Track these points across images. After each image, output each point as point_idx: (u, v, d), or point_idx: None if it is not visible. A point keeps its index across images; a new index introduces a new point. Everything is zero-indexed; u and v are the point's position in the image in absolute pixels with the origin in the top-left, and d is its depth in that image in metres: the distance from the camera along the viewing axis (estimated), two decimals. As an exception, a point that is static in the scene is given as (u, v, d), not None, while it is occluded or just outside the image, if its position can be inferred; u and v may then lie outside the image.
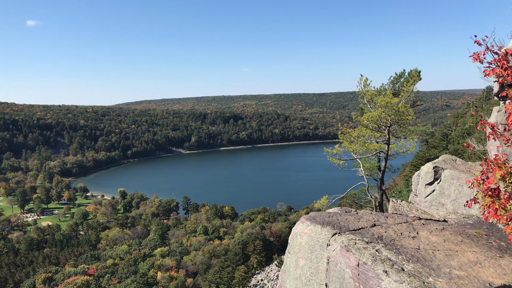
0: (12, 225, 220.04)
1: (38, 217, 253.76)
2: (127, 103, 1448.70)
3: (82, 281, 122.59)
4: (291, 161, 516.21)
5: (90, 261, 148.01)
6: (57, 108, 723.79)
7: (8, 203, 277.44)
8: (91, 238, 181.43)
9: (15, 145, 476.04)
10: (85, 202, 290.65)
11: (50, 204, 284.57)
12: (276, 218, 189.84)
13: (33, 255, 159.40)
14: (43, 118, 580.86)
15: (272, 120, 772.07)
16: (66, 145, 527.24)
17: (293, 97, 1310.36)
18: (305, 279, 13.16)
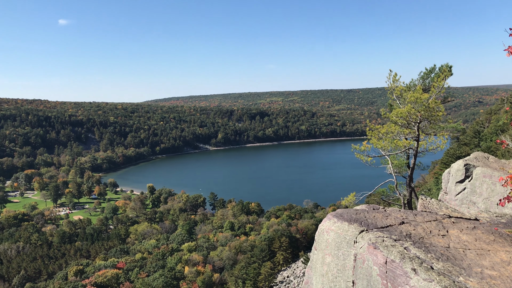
0: (45, 219, 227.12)
1: (70, 211, 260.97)
2: (155, 100, 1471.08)
3: (112, 274, 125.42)
4: (317, 158, 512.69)
5: (120, 255, 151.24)
6: (88, 105, 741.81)
7: (42, 197, 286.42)
8: (121, 232, 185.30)
9: (48, 141, 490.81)
10: (115, 197, 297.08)
11: (81, 198, 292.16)
12: (302, 215, 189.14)
13: (65, 248, 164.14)
14: (74, 114, 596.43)
15: (299, 117, 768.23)
16: (96, 141, 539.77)
17: (320, 93, 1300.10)
18: (331, 276, 13.10)
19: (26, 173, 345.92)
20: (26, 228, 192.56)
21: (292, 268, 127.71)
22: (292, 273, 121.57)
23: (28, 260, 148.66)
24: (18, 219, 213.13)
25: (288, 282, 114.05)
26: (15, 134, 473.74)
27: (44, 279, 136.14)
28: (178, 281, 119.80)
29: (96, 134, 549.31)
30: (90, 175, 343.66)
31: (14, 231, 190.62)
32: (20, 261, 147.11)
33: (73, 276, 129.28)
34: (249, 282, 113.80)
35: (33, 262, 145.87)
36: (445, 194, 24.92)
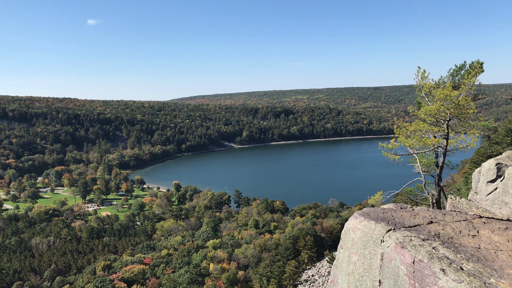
0: (74, 214, 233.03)
1: (98, 207, 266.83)
2: (181, 98, 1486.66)
3: (138, 270, 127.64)
4: (343, 157, 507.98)
5: (146, 251, 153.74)
6: (116, 103, 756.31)
7: (71, 193, 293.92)
8: (147, 229, 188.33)
9: (77, 139, 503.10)
10: (141, 194, 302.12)
11: (109, 195, 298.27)
12: (327, 214, 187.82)
13: (93, 243, 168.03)
14: (102, 113, 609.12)
15: (324, 115, 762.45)
16: (124, 138, 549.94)
17: (346, 91, 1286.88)
18: (357, 275, 12.98)
19: (56, 169, 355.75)
20: (56, 223, 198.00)
21: (317, 267, 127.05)
22: (317, 272, 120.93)
23: (58, 254, 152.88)
24: (49, 215, 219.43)
25: (313, 281, 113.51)
26: (46, 132, 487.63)
27: (74, 273, 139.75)
28: (203, 278, 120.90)
29: (124, 132, 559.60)
30: (118, 172, 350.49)
31: (45, 226, 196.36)
32: (51, 255, 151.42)
33: (101, 271, 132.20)
34: (273, 280, 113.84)
35: (63, 257, 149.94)
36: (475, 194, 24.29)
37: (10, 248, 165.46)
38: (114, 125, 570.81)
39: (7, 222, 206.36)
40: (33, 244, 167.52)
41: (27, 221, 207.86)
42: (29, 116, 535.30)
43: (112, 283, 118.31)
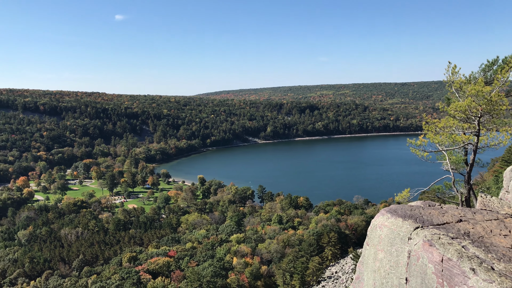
0: (102, 206, 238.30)
1: (125, 200, 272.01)
2: (206, 93, 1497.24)
3: (163, 262, 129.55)
4: (369, 153, 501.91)
5: (171, 244, 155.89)
6: (143, 97, 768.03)
7: (99, 185, 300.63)
8: (172, 222, 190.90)
9: (105, 132, 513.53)
10: (167, 187, 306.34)
11: (135, 188, 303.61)
12: (352, 211, 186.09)
13: (120, 235, 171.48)
14: (130, 107, 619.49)
15: (350, 111, 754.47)
16: (150, 133, 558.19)
17: (372, 86, 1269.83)
18: (384, 272, 12.82)
19: (84, 162, 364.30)
20: (84, 215, 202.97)
21: (340, 264, 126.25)
22: (341, 269, 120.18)
23: (86, 245, 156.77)
24: (77, 206, 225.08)
25: (336, 277, 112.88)
26: (75, 125, 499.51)
27: (101, 263, 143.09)
28: (226, 272, 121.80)
29: (150, 126, 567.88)
30: (144, 166, 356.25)
31: (73, 217, 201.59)
32: (79, 246, 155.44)
33: (127, 262, 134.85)
34: (296, 276, 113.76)
35: (90, 247, 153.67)
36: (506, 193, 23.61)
37: (41, 238, 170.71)
38: (141, 120, 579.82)
39: (38, 213, 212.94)
40: (62, 234, 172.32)
41: (57, 212, 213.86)
42: (59, 109, 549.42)
43: (137, 275, 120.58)
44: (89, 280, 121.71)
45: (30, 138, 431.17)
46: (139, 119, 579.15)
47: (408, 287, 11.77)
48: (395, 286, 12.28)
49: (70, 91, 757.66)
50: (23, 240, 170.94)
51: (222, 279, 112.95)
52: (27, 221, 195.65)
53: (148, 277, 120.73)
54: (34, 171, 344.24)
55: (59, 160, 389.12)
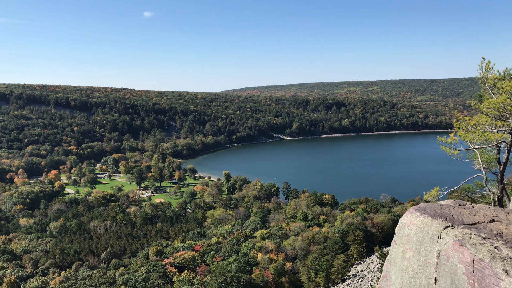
0: (130, 200, 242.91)
1: (152, 194, 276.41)
2: (233, 90, 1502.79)
3: (189, 256, 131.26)
4: (397, 151, 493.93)
5: (197, 238, 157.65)
6: (170, 94, 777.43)
7: (127, 180, 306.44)
8: (198, 217, 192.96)
9: (133, 128, 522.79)
10: (193, 182, 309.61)
11: (162, 182, 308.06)
12: (378, 210, 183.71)
13: (147, 228, 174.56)
14: (158, 103, 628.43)
15: (378, 108, 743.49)
16: (177, 128, 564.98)
17: (401, 83, 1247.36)
18: (412, 271, 12.62)
19: (113, 157, 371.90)
20: (113, 208, 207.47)
21: (366, 263, 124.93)
22: (366, 268, 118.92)
23: (114, 238, 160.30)
24: (106, 200, 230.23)
25: (361, 276, 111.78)
26: (105, 121, 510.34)
27: (128, 256, 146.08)
28: (251, 267, 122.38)
29: (177, 122, 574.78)
30: (171, 161, 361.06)
31: (102, 210, 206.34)
32: (108, 239, 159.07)
33: (154, 256, 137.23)
34: (321, 273, 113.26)
35: (118, 240, 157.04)
36: (541, 193, 22.83)
37: (71, 230, 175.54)
38: (168, 115, 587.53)
39: (68, 206, 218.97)
40: (91, 227, 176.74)
41: (86, 205, 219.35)
42: (89, 105, 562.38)
43: (164, 268, 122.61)
44: (117, 272, 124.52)
45: (62, 133, 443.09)
46: (167, 115, 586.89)
47: (437, 287, 11.56)
48: (424, 285, 12.07)
49: (100, 87, 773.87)
50: (55, 231, 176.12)
51: (247, 275, 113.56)
52: (58, 213, 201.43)
53: (174, 270, 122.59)
54: (65, 165, 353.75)
55: (89, 155, 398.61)
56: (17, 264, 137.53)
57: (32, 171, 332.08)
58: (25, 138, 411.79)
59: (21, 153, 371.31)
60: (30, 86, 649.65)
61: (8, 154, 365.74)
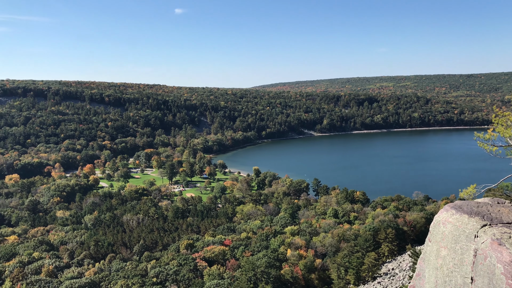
0: (162, 194, 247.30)
1: (183, 189, 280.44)
2: (263, 86, 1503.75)
3: (219, 250, 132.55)
4: (430, 148, 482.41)
5: (227, 233, 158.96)
6: (201, 90, 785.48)
7: (159, 174, 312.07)
8: (228, 211, 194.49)
9: (165, 123, 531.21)
10: (223, 178, 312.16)
11: (193, 177, 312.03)
12: (411, 207, 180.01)
13: (178, 222, 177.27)
14: (189, 99, 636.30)
15: (411, 103, 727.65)
16: (208, 124, 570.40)
17: (435, 78, 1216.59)
18: (447, 270, 12.28)
19: (146, 152, 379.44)
20: (145, 202, 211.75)
21: (397, 261, 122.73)
22: (398, 266, 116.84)
23: (146, 231, 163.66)
24: (139, 194, 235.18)
25: (393, 274, 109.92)
26: (138, 116, 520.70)
27: (160, 249, 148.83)
28: (280, 263, 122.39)
29: (208, 118, 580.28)
30: (202, 156, 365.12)
31: (135, 204, 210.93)
32: (140, 232, 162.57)
33: (185, 249, 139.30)
34: (351, 271, 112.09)
35: (150, 233, 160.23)
36: None
37: (105, 222, 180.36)
38: (199, 111, 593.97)
39: (102, 199, 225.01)
40: (124, 220, 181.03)
41: (120, 199, 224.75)
42: (122, 101, 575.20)
43: (194, 262, 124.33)
44: (149, 265, 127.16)
45: (96, 128, 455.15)
46: (198, 111, 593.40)
47: (473, 287, 11.21)
48: (459, 285, 11.73)
49: (133, 83, 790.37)
50: (89, 224, 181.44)
51: (276, 270, 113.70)
52: (93, 207, 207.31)
53: (204, 264, 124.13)
54: (99, 159, 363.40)
55: (122, 149, 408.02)
56: (54, 255, 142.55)
57: (68, 165, 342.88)
58: (62, 133, 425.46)
59: (58, 148, 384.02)
60: (67, 83, 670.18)
61: (45, 149, 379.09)
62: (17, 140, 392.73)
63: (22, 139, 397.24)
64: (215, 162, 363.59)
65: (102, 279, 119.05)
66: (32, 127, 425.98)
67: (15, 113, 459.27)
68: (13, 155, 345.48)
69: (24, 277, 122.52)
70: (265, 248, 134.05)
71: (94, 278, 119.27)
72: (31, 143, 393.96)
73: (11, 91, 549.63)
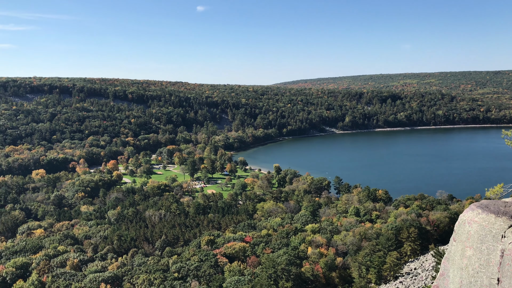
0: (183, 191, 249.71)
1: (205, 185, 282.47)
2: (284, 83, 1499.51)
3: (239, 247, 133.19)
4: (455, 146, 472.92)
5: (247, 229, 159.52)
6: (222, 87, 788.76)
7: (181, 171, 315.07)
8: (249, 208, 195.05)
9: (187, 120, 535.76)
10: (244, 175, 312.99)
11: (214, 174, 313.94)
12: (434, 207, 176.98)
13: (199, 218, 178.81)
14: (210, 96, 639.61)
15: (435, 101, 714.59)
16: (229, 121, 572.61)
17: (461, 75, 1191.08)
18: (472, 271, 12.01)
19: (168, 148, 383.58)
20: (167, 198, 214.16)
21: (420, 261, 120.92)
22: (420, 266, 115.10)
23: (168, 226, 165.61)
24: (161, 189, 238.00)
25: (415, 274, 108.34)
26: (160, 113, 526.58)
27: (181, 245, 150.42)
28: (301, 261, 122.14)
29: (229, 115, 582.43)
30: (223, 153, 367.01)
31: (157, 199, 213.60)
32: (162, 227, 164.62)
33: (206, 245, 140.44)
34: (373, 270, 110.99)
35: (172, 229, 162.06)
36: None
37: (128, 218, 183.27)
38: (220, 108, 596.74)
39: (125, 194, 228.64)
40: (146, 215, 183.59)
41: (142, 194, 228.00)
42: (145, 98, 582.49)
43: (215, 258, 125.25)
44: (170, 260, 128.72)
45: (120, 125, 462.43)
46: (219, 108, 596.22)
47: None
48: (485, 286, 11.46)
49: (155, 80, 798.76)
50: (113, 219, 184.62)
51: (297, 268, 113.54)
52: (116, 202, 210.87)
53: (225, 260, 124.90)
54: (122, 155, 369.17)
55: (145, 146, 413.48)
56: (78, 248, 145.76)
57: (92, 160, 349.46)
58: (86, 129, 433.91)
59: (82, 144, 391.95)
60: (91, 80, 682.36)
61: (70, 145, 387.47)
62: (43, 136, 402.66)
63: (48, 135, 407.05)
64: (236, 159, 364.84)
65: (124, 273, 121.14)
66: (58, 123, 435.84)
67: (41, 110, 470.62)
68: (39, 151, 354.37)
69: (50, 270, 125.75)
70: (286, 246, 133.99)
71: (117, 272, 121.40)
72: (56, 139, 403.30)
73: (38, 88, 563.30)
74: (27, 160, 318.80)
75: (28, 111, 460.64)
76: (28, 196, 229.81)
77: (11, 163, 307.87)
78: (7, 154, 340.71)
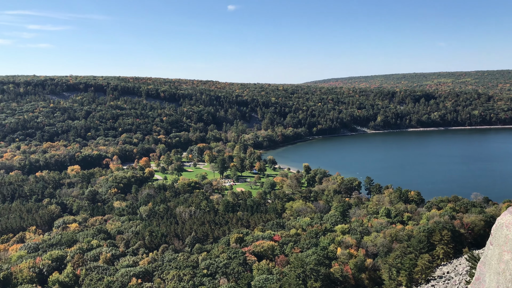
0: (213, 188, 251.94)
1: (234, 183, 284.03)
2: (314, 81, 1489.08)
3: (268, 246, 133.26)
4: (491, 147, 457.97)
5: (276, 228, 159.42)
6: (252, 86, 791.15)
7: (210, 168, 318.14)
8: (277, 207, 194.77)
9: (217, 119, 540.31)
10: (273, 173, 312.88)
11: (243, 172, 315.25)
12: (468, 209, 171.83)
13: (228, 216, 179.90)
14: (240, 95, 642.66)
15: (471, 100, 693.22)
16: (258, 120, 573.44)
17: (499, 74, 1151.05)
18: (510, 276, 11.64)
19: (198, 146, 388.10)
20: (197, 195, 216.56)
21: (453, 264, 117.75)
22: (453, 270, 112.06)
23: (198, 223, 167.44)
24: (191, 187, 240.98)
25: (448, 278, 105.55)
26: (191, 112, 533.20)
27: (210, 242, 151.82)
28: (330, 261, 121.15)
29: (259, 114, 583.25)
30: (252, 152, 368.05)
31: (187, 196, 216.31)
32: (192, 224, 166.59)
33: (234, 243, 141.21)
34: (403, 272, 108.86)
35: (202, 226, 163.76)
36: None
37: (159, 214, 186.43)
38: (250, 107, 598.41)
39: (157, 191, 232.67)
40: (177, 212, 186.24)
41: (173, 191, 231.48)
42: (177, 96, 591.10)
43: (244, 256, 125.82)
44: (200, 257, 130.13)
45: (152, 122, 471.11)
46: (249, 107, 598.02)
47: (539, 294, 10.55)
48: (524, 292, 11.08)
49: (187, 79, 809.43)
50: (144, 215, 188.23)
51: (326, 268, 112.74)
52: (148, 198, 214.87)
53: (254, 258, 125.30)
54: (154, 152, 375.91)
55: (176, 144, 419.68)
56: (111, 243, 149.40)
57: (125, 157, 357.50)
58: (119, 127, 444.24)
59: (116, 141, 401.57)
60: (125, 78, 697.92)
61: (104, 142, 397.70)
62: (78, 133, 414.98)
63: (83, 132, 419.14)
64: (265, 158, 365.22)
65: (155, 269, 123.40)
66: (92, 120, 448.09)
67: (77, 107, 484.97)
68: (74, 147, 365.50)
69: (84, 263, 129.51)
70: (315, 246, 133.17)
71: (148, 267, 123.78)
72: (91, 136, 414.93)
73: (73, 86, 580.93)
74: (63, 156, 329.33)
75: (65, 108, 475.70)
76: (64, 191, 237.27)
77: (48, 159, 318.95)
78: (45, 150, 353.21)
